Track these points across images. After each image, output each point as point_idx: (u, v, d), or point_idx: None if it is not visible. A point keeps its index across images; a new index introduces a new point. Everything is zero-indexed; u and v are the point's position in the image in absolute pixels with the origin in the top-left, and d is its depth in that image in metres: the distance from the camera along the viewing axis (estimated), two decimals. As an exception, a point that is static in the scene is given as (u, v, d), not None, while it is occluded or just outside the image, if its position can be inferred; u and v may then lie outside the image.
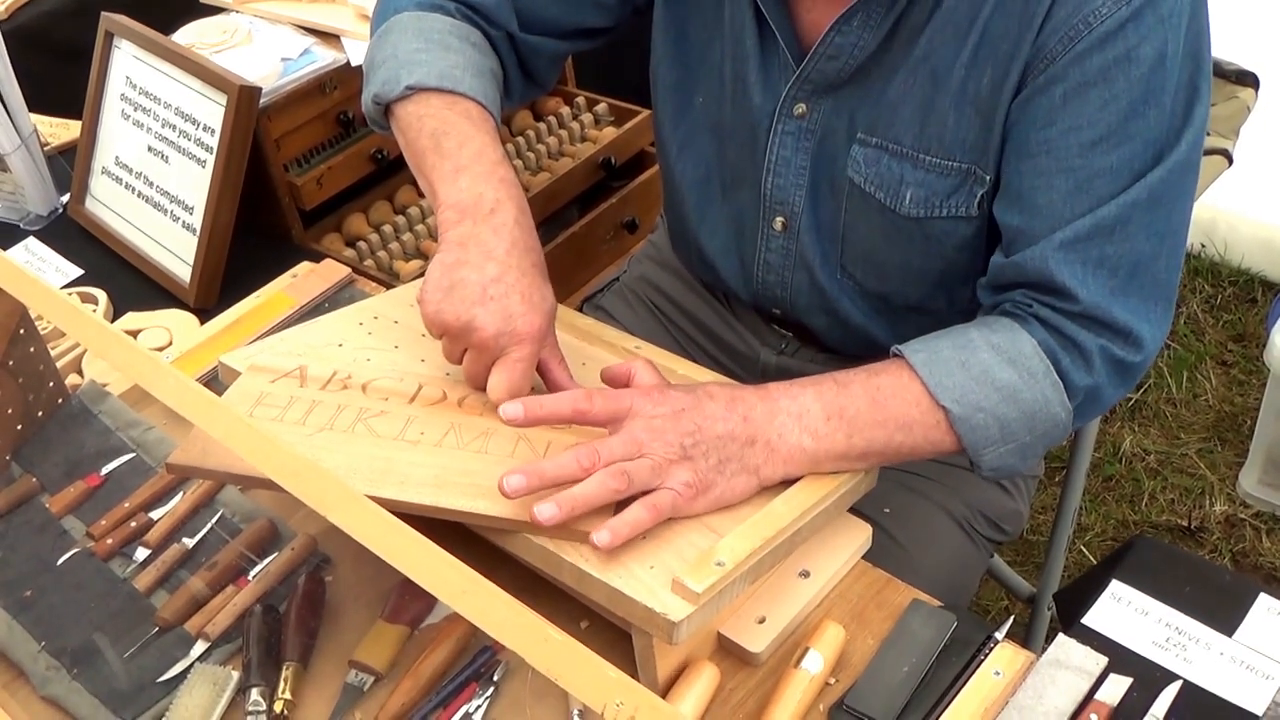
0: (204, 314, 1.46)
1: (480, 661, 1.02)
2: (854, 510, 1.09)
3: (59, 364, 1.29)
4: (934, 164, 1.10)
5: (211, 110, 1.49)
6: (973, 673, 0.97)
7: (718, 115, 1.24)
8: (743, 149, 1.23)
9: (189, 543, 1.14)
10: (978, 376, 1.02)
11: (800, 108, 1.16)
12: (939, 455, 1.06)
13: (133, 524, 1.15)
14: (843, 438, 1.01)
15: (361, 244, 1.79)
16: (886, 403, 1.02)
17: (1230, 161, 1.60)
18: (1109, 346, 1.04)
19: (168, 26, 1.67)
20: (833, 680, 0.99)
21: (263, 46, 1.68)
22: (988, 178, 1.08)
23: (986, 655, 0.98)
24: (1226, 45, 1.32)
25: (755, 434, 0.99)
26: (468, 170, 1.10)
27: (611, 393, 1.01)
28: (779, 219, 1.22)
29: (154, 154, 1.57)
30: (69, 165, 1.70)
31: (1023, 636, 1.77)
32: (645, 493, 0.95)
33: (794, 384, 1.03)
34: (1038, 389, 1.03)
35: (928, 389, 1.02)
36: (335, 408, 1.05)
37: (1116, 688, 0.96)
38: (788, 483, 1.01)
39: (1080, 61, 1.00)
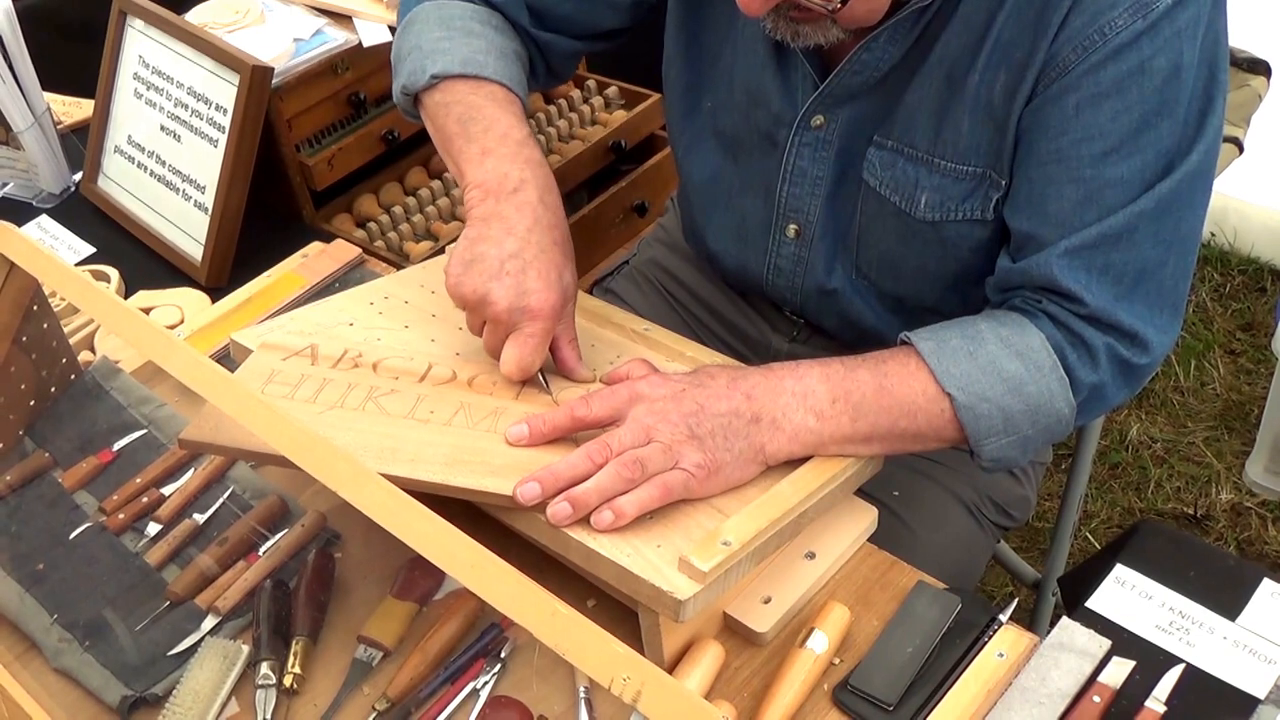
0: (215, 293, 1.47)
1: (488, 638, 1.03)
2: (862, 493, 1.09)
3: (72, 340, 1.30)
4: (949, 168, 1.10)
5: (224, 90, 1.50)
6: (976, 654, 0.97)
7: (726, 122, 1.24)
8: (753, 157, 1.23)
9: (200, 518, 1.15)
10: (984, 366, 1.02)
11: (818, 119, 1.15)
12: (942, 444, 1.06)
13: (144, 499, 1.16)
14: (848, 421, 1.01)
15: (372, 225, 1.79)
16: (893, 388, 1.03)
17: (1241, 150, 1.59)
18: (1115, 346, 1.04)
19: (181, 6, 1.68)
20: (837, 660, 1.00)
21: (275, 26, 1.68)
22: (1003, 182, 1.08)
23: (990, 637, 0.98)
24: (1239, 33, 1.31)
25: (760, 411, 1.00)
26: (494, 152, 1.11)
27: (607, 390, 1.02)
28: (792, 226, 1.22)
29: (166, 133, 1.58)
30: (82, 144, 1.71)
31: (1027, 622, 1.77)
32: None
33: (800, 365, 1.04)
34: (1043, 382, 1.03)
35: (934, 376, 1.02)
36: (346, 386, 1.06)
37: (1119, 670, 0.96)
38: (794, 465, 1.02)
39: (1094, 72, 0.99)
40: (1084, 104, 1.00)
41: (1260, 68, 1.63)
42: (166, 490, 1.18)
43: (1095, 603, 1.03)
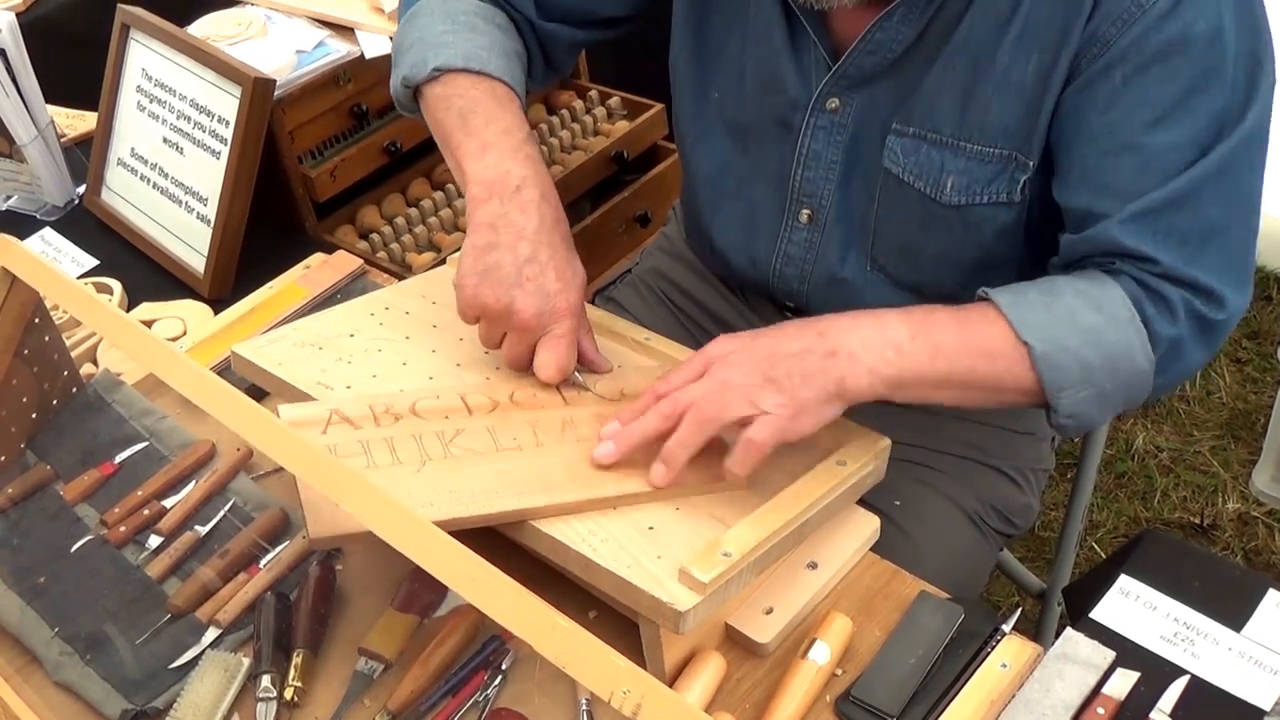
0: (218, 304, 1.47)
1: (489, 650, 1.02)
2: (863, 502, 1.09)
3: (74, 353, 1.30)
4: (976, 151, 1.10)
5: (226, 102, 1.50)
6: (979, 664, 0.97)
7: (734, 111, 1.24)
8: (765, 144, 1.23)
9: (201, 531, 1.14)
10: (1062, 317, 1.02)
11: (833, 102, 1.15)
12: (1018, 397, 1.04)
13: (145, 512, 1.16)
14: (926, 358, 1.00)
15: (374, 236, 1.80)
16: (973, 331, 1.02)
17: (1245, 157, 1.59)
18: (1193, 300, 1.03)
19: (183, 19, 1.68)
20: (840, 671, 0.99)
21: (277, 39, 1.69)
22: (1030, 164, 1.08)
23: (994, 647, 0.98)
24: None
25: (835, 346, 0.99)
26: (494, 147, 1.12)
27: (681, 365, 1.02)
28: (805, 211, 1.22)
29: (169, 145, 1.58)
30: (85, 157, 1.71)
31: (1032, 632, 1.76)
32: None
33: (876, 310, 1.03)
34: (1121, 334, 1.02)
35: (1012, 326, 1.01)
36: (413, 438, 1.00)
37: (1124, 682, 0.96)
38: (796, 474, 1.01)
39: (1137, 44, 1.00)
40: (1130, 76, 1.01)
41: (1263, 75, 1.63)
42: (168, 503, 1.17)
43: (1100, 613, 1.02)
